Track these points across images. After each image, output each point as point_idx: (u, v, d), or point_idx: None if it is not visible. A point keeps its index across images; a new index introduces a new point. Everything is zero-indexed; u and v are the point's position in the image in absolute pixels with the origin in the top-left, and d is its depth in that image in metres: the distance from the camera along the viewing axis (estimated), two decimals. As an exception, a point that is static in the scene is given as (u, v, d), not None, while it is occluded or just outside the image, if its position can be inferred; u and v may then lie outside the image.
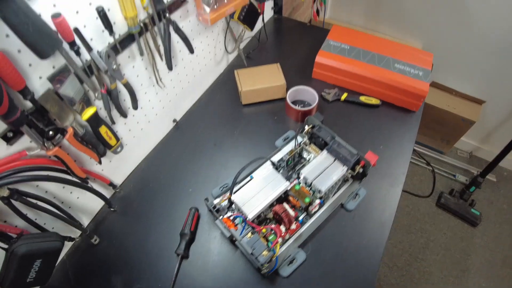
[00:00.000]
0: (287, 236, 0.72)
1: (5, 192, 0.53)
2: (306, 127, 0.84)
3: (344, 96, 1.01)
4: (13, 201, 0.55)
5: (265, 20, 1.24)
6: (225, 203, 0.74)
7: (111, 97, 0.67)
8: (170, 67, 0.76)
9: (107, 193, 0.80)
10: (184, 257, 0.72)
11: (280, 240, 0.71)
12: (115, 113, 0.72)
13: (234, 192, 0.73)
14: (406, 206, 1.80)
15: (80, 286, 0.69)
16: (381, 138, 0.92)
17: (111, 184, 0.79)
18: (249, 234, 0.68)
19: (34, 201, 0.58)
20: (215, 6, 0.81)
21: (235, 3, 0.86)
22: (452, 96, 1.77)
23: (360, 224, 0.76)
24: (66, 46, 0.54)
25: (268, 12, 1.27)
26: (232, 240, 0.71)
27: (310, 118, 0.85)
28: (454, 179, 1.89)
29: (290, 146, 0.83)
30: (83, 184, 0.68)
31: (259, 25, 1.14)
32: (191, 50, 0.80)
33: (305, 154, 0.85)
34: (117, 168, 0.81)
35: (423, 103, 0.98)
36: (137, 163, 0.88)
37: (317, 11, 1.34)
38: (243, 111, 1.01)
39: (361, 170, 0.78)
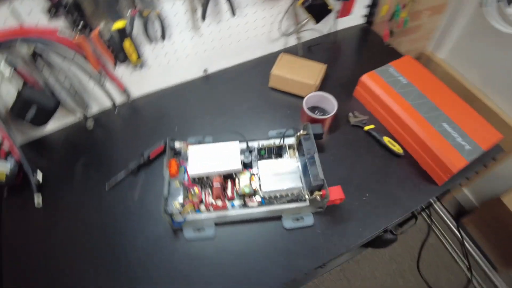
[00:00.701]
0: (210, 209, 0.74)
1: (31, 50, 0.70)
2: (301, 132, 0.81)
3: (369, 127, 0.92)
4: (37, 60, 0.72)
5: (350, 24, 1.18)
6: (187, 152, 0.80)
7: (144, 21, 0.78)
8: (203, 17, 0.82)
9: (119, 98, 0.95)
10: (132, 172, 0.82)
11: (202, 207, 0.74)
12: (143, 38, 0.83)
13: (192, 145, 0.78)
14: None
15: (64, 157, 0.87)
16: (376, 189, 0.81)
17: (125, 92, 0.93)
18: (179, 184, 0.73)
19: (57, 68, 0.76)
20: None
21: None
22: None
23: (285, 249, 0.72)
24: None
25: (356, 17, 1.19)
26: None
27: (308, 125, 0.81)
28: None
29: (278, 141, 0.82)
30: (95, 75, 0.83)
31: (331, 21, 1.09)
32: (234, 13, 0.84)
33: (284, 155, 0.83)
34: (136, 83, 0.94)
35: (456, 183, 0.82)
36: (156, 89, 1.00)
37: (391, 32, 1.19)
38: (267, 92, 1.02)
39: (318, 198, 0.73)
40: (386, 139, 0.88)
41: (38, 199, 0.77)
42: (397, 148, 0.87)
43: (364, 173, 0.83)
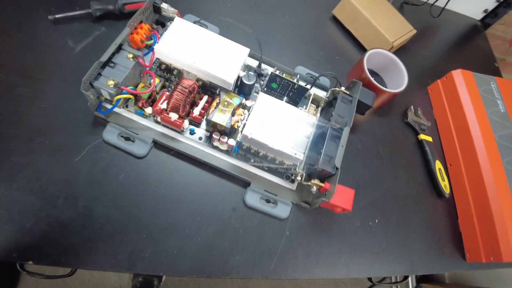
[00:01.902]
0: (158, 119, 0.47)
1: None
2: (342, 88, 0.52)
3: (425, 137, 0.63)
4: None
5: (463, 11, 0.87)
6: (171, 25, 0.50)
7: None
8: None
9: None
10: (93, 16, 0.52)
11: (148, 111, 0.46)
12: None
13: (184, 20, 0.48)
14: None
15: None
16: (392, 221, 0.55)
17: None
18: (132, 58, 0.44)
19: None
20: None
21: None
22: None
23: (228, 231, 0.47)
24: None
25: (475, 9, 0.86)
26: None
27: (358, 85, 0.52)
28: None
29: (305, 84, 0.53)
30: None
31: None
32: None
33: (299, 106, 0.55)
34: None
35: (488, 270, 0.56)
36: None
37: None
38: (323, 19, 0.71)
39: (313, 190, 0.46)
40: (438, 166, 0.61)
41: None
42: (444, 185, 0.60)
43: (388, 191, 0.57)
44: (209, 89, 0.49)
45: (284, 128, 0.45)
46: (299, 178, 0.48)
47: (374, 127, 0.62)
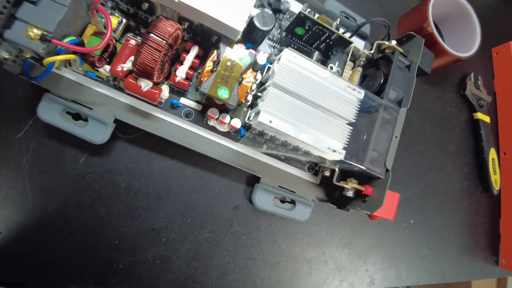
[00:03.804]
0: (120, 84, 0.30)
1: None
2: (393, 42, 0.36)
3: (482, 116, 0.49)
4: None
5: None
6: None
7: None
8: None
9: None
10: None
11: (105, 70, 0.29)
12: None
13: None
14: None
15: None
16: (429, 220, 0.45)
17: None
18: None
19: None
20: None
21: None
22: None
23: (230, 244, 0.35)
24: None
25: None
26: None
27: (418, 41, 0.36)
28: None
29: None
30: None
31: None
32: None
33: (330, 62, 0.38)
34: None
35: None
36: None
37: None
38: None
39: (349, 193, 0.34)
40: (492, 155, 0.48)
41: None
42: (495, 179, 0.48)
43: (430, 185, 0.45)
44: (199, 35, 0.32)
45: (317, 108, 0.30)
46: (327, 173, 0.35)
47: (423, 99, 0.47)
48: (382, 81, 0.35)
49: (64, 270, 0.30)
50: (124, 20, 0.30)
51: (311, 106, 0.29)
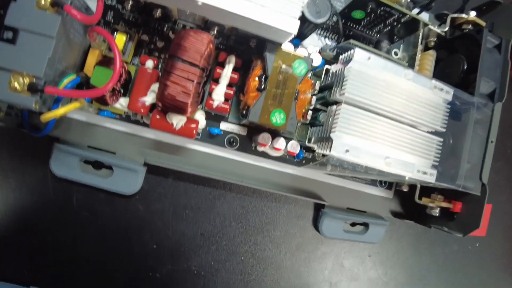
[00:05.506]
0: (143, 119, 0.24)
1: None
2: (473, 15, 0.26)
3: None
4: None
5: None
6: None
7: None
8: None
9: None
10: None
11: (121, 104, 0.23)
12: None
13: None
14: None
15: None
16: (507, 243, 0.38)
17: None
18: None
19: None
20: None
21: None
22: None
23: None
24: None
25: None
26: None
27: (509, 9, 0.26)
28: None
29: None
30: None
31: None
32: None
33: (396, 45, 0.29)
34: None
35: None
36: None
37: None
38: None
39: (434, 211, 0.27)
40: None
41: None
42: None
43: (502, 205, 0.37)
44: (232, 39, 0.24)
45: (398, 121, 0.22)
46: (405, 189, 0.28)
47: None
48: (465, 68, 0.26)
49: (86, 275, 0.26)
50: (131, 32, 0.23)
51: (391, 119, 0.22)
